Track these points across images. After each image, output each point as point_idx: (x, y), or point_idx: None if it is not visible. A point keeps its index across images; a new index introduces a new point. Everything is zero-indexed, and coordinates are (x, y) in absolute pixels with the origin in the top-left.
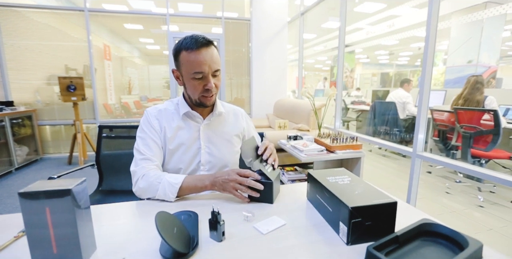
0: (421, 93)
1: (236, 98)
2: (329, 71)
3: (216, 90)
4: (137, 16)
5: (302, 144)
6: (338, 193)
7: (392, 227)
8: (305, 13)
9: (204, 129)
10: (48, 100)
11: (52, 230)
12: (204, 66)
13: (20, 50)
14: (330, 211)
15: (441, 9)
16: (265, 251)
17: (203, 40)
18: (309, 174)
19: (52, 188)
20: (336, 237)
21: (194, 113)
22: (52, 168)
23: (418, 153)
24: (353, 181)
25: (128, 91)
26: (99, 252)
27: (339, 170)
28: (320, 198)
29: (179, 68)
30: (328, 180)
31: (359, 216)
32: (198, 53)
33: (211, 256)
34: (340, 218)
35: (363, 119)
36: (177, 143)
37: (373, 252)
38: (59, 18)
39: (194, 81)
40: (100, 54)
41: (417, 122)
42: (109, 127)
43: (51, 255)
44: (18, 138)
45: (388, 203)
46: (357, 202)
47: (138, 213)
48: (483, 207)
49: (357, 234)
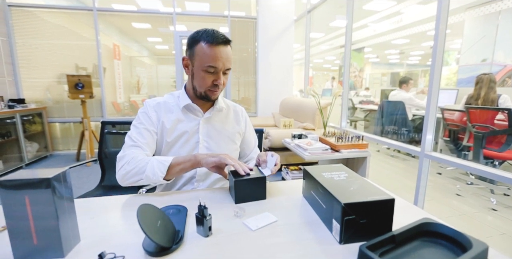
0: (430, 92)
1: (243, 97)
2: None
3: (223, 87)
4: (145, 15)
5: (306, 142)
6: (332, 189)
7: (389, 226)
8: (312, 12)
9: (204, 123)
10: (58, 98)
11: (32, 221)
12: (219, 62)
13: (32, 49)
14: (323, 208)
15: (453, 2)
16: (252, 247)
17: (224, 37)
18: (304, 169)
19: (30, 177)
20: (329, 235)
21: (194, 106)
22: (61, 164)
23: (427, 153)
24: (349, 177)
25: (137, 90)
26: (83, 244)
27: (337, 166)
28: (315, 194)
29: (192, 58)
30: (324, 176)
31: (353, 213)
32: (216, 48)
33: (195, 251)
34: (333, 215)
35: (371, 118)
36: (175, 135)
37: (366, 252)
38: (69, 18)
39: (205, 73)
40: (109, 53)
41: (425, 122)
42: (112, 123)
43: (32, 246)
44: (28, 134)
45: (385, 200)
46: (351, 198)
47: (129, 206)
48: (496, 210)
49: (351, 232)
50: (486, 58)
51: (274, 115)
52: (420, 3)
